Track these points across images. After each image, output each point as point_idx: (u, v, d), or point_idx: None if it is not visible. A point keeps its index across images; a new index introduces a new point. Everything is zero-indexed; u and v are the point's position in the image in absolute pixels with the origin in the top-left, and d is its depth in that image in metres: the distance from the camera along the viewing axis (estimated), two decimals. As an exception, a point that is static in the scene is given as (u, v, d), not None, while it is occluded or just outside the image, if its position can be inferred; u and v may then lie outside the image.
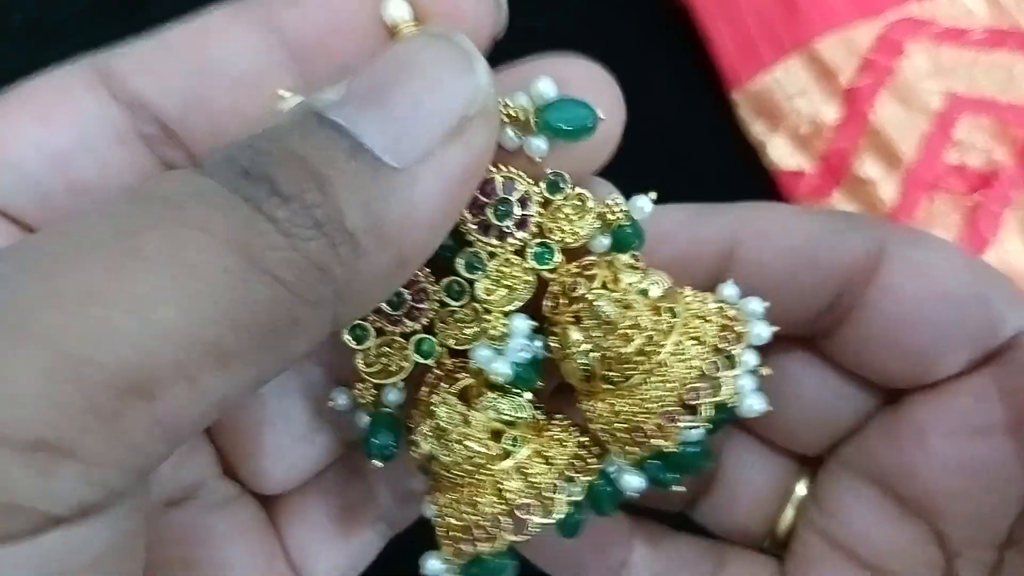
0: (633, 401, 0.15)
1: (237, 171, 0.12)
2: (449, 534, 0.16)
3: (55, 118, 0.15)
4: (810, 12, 0.32)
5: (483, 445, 0.15)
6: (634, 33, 0.35)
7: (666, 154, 0.34)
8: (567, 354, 0.15)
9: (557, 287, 0.16)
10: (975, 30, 0.32)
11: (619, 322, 0.15)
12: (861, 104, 0.31)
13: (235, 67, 0.15)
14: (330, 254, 0.12)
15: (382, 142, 0.12)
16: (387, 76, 0.13)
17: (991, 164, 0.31)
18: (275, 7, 0.15)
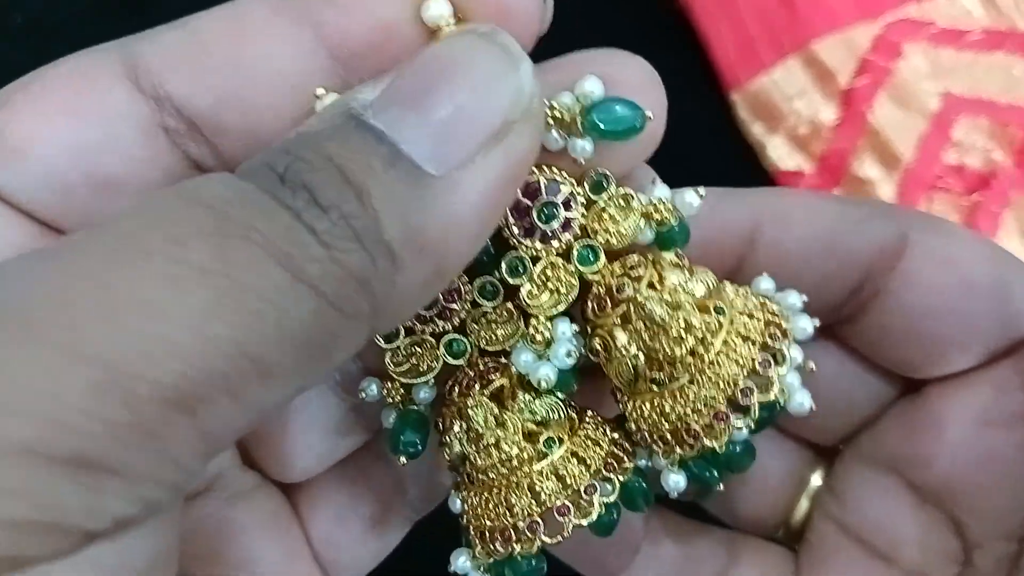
0: (681, 401, 0.15)
1: (274, 178, 0.11)
2: (481, 534, 0.16)
3: (81, 110, 0.14)
4: (809, 13, 0.32)
5: (518, 447, 0.15)
6: (633, 32, 0.35)
7: (666, 154, 0.34)
8: (613, 357, 0.15)
9: (601, 289, 0.15)
10: (973, 31, 0.32)
11: (670, 324, 0.14)
12: (859, 105, 0.31)
13: (272, 66, 0.14)
14: (369, 267, 0.11)
15: (422, 149, 0.12)
16: (427, 78, 0.13)
17: (990, 164, 0.31)
18: (314, 5, 0.14)
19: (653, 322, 0.14)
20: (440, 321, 0.16)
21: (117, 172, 0.14)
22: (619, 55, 0.15)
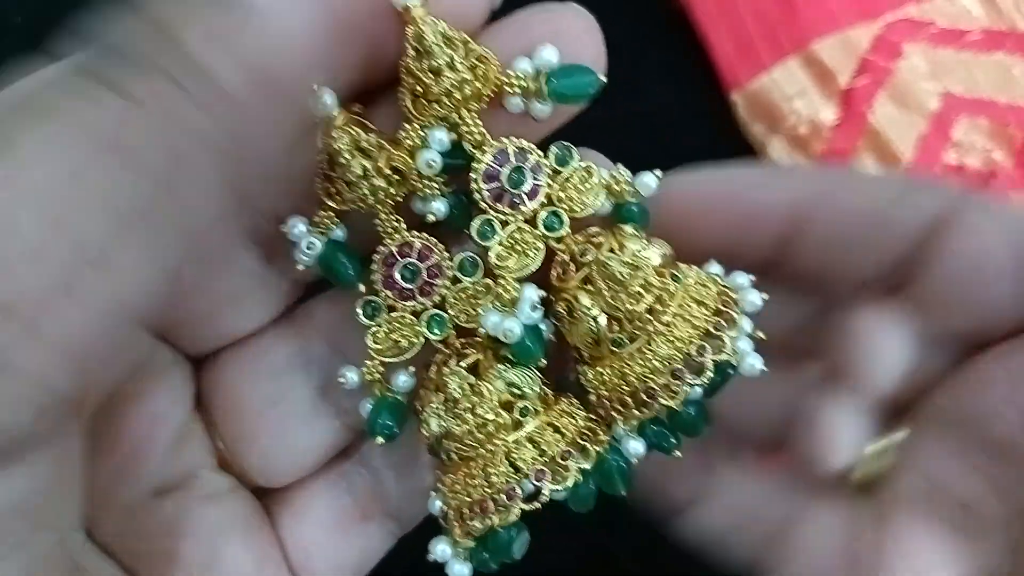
0: (640, 362, 0.15)
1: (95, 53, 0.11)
2: (459, 514, 0.16)
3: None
4: (809, 14, 0.32)
5: (494, 413, 0.16)
6: (633, 32, 0.35)
7: (666, 153, 0.34)
8: (576, 319, 0.16)
9: (565, 255, 0.16)
10: (973, 31, 0.32)
11: (630, 282, 0.15)
12: (860, 105, 0.31)
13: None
14: (199, 115, 0.11)
15: None
16: None
17: (989, 164, 0.31)
18: None
19: (614, 280, 0.15)
20: (421, 298, 0.17)
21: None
22: (560, 9, 0.15)
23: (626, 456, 0.16)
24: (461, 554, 0.16)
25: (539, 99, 0.15)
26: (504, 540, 0.16)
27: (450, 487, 0.16)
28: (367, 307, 0.17)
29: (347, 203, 0.16)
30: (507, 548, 0.16)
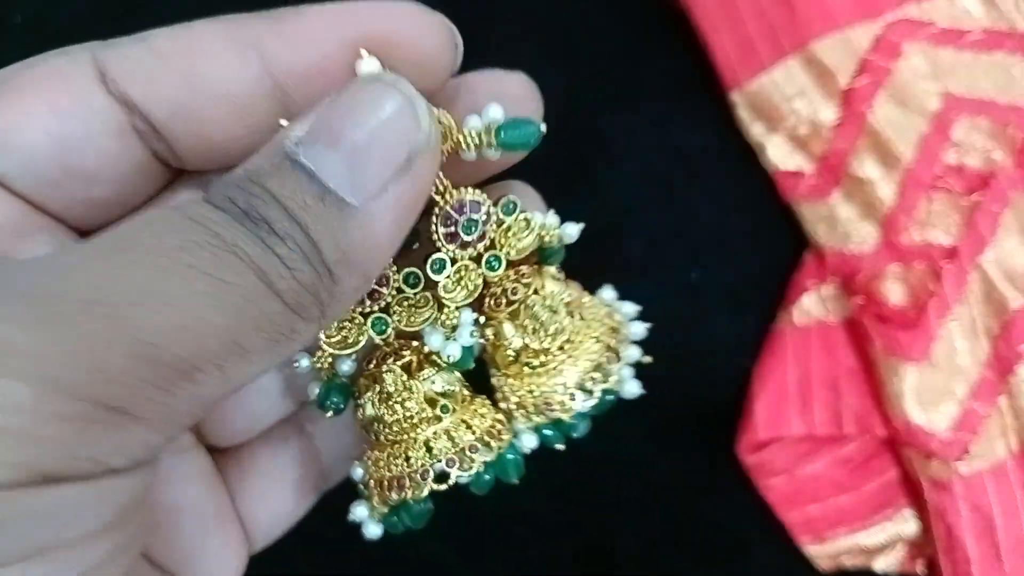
0: (548, 383, 0.20)
1: (239, 211, 0.14)
2: (379, 484, 0.20)
3: (63, 108, 0.16)
4: (809, 14, 0.32)
5: (419, 407, 0.19)
6: (634, 33, 0.35)
7: (666, 153, 0.34)
8: (499, 343, 0.20)
9: (499, 290, 0.19)
10: (973, 31, 0.32)
11: (547, 323, 0.19)
12: (859, 105, 0.31)
13: (221, 85, 0.16)
14: (317, 282, 0.15)
15: (343, 183, 0.15)
16: (343, 122, 0.15)
17: (990, 164, 0.31)
18: (262, 34, 0.16)
19: (536, 319, 0.19)
20: (368, 302, 0.19)
21: (93, 164, 0.17)
22: (504, 75, 0.19)
23: (520, 450, 0.21)
24: (376, 517, 0.20)
25: (490, 149, 0.18)
26: (415, 511, 0.20)
27: (374, 461, 0.20)
28: None
29: None
30: (417, 517, 0.20)
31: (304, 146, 0.15)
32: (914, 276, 0.30)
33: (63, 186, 0.17)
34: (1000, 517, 0.29)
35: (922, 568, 0.32)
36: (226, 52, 0.16)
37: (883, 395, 0.30)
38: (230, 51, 0.16)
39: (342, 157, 0.15)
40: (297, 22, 0.16)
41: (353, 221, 0.15)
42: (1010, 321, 0.30)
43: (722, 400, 0.32)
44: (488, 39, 0.34)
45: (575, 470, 0.32)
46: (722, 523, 0.32)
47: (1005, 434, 0.30)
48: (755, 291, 0.33)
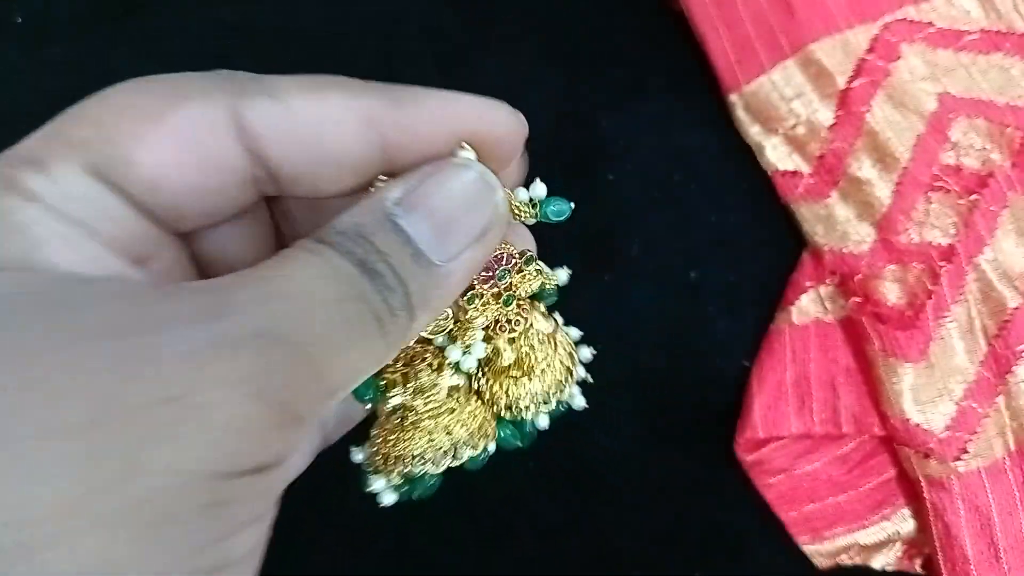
0: (524, 392, 0.25)
1: (359, 262, 0.17)
2: (400, 460, 0.24)
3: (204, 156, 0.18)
4: (808, 16, 0.32)
5: (443, 400, 0.24)
6: (634, 33, 0.35)
7: (665, 153, 0.34)
8: (497, 359, 0.25)
9: (504, 319, 0.24)
10: (971, 32, 0.32)
11: (538, 350, 0.25)
12: (857, 105, 0.31)
13: (343, 153, 0.19)
14: (409, 325, 0.18)
15: (432, 247, 0.18)
16: (439, 195, 0.19)
17: (988, 165, 0.31)
18: (384, 114, 0.19)
19: (531, 347, 0.25)
20: None
21: (214, 199, 0.19)
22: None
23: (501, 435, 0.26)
24: (391, 488, 0.24)
25: (531, 219, 0.23)
26: (430, 482, 0.24)
27: (393, 440, 0.24)
28: None
29: None
30: (429, 489, 0.24)
31: (402, 209, 0.18)
32: (912, 276, 0.31)
33: (184, 212, 0.19)
34: (998, 516, 0.29)
35: (920, 566, 0.32)
36: (352, 124, 0.19)
37: (881, 394, 0.30)
38: (355, 124, 0.19)
39: (433, 225, 0.19)
40: (415, 105, 0.19)
41: (435, 277, 0.19)
42: (1008, 321, 0.30)
43: (721, 399, 0.32)
44: (489, 39, 0.35)
45: (575, 470, 0.32)
46: (721, 521, 0.32)
47: (1003, 433, 0.30)
48: (753, 291, 0.33)
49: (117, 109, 0.18)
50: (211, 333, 0.15)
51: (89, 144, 0.17)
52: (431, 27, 0.35)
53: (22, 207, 0.16)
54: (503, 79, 0.34)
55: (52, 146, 0.17)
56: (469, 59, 0.34)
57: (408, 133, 0.19)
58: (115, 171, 0.17)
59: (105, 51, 0.35)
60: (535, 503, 0.32)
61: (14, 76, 0.35)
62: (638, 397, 0.32)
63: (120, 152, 0.17)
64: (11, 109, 0.35)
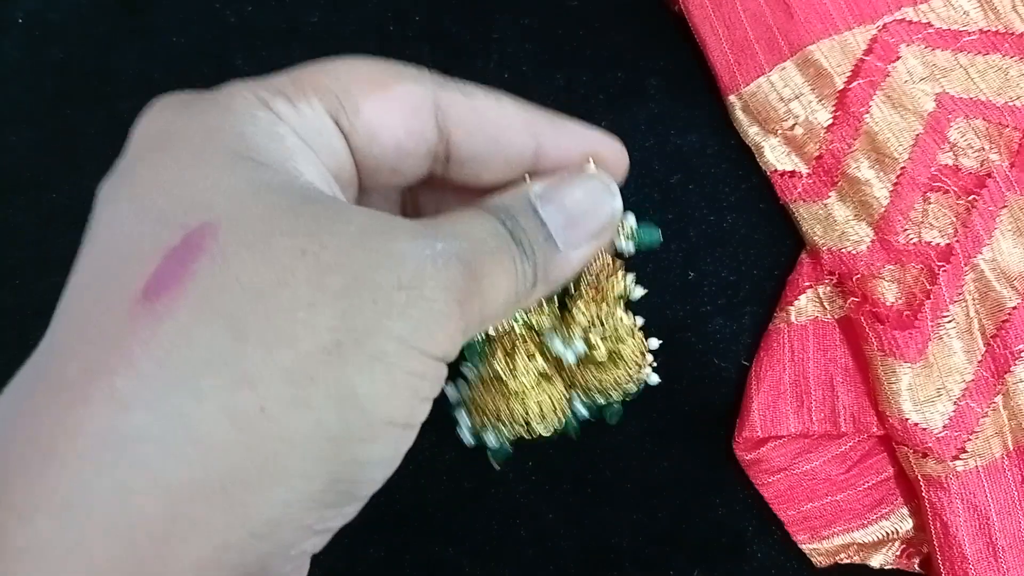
0: (610, 376, 0.29)
1: (509, 232, 0.21)
2: (483, 411, 0.29)
3: (413, 127, 0.22)
4: (806, 17, 0.32)
5: (530, 382, 0.28)
6: (632, 33, 0.35)
7: (664, 154, 0.34)
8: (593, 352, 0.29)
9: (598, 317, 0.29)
10: (970, 33, 0.32)
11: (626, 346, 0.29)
12: (855, 106, 0.31)
13: (509, 151, 0.23)
14: (532, 291, 0.22)
15: (560, 235, 0.22)
16: (575, 195, 0.23)
17: (986, 165, 0.31)
18: (544, 130, 0.23)
19: (619, 340, 0.29)
20: None
21: (405, 164, 0.22)
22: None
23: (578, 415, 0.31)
24: (475, 428, 0.29)
25: (630, 242, 0.27)
26: (507, 435, 0.29)
27: (484, 399, 0.29)
28: None
29: None
30: (502, 453, 0.29)
31: (541, 201, 0.22)
32: (910, 276, 0.31)
33: (382, 166, 0.22)
34: (996, 515, 0.29)
35: (918, 565, 0.32)
36: (519, 128, 0.23)
37: (879, 394, 0.30)
38: (520, 128, 0.23)
39: (563, 218, 0.22)
40: (563, 124, 0.24)
41: (557, 259, 0.22)
42: (1006, 321, 0.30)
43: (720, 398, 0.32)
44: (489, 39, 0.35)
45: (574, 468, 0.32)
46: (720, 520, 0.32)
47: (1001, 433, 0.30)
48: (752, 291, 0.33)
49: (353, 71, 0.21)
50: (431, 248, 0.19)
51: (329, 91, 0.20)
52: (431, 28, 0.35)
53: (278, 122, 0.20)
54: (503, 80, 0.34)
55: (299, 85, 0.20)
56: (469, 60, 0.35)
57: (555, 144, 0.24)
58: (345, 117, 0.21)
59: (106, 51, 0.35)
60: (534, 502, 0.32)
61: (15, 76, 0.35)
62: (637, 396, 0.32)
63: (353, 103, 0.21)
64: (12, 109, 0.35)
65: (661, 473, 0.32)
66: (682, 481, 0.32)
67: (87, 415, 0.15)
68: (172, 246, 0.17)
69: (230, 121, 0.19)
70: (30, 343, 0.18)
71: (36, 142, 0.35)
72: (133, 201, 0.18)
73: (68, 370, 0.16)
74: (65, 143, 0.35)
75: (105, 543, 0.15)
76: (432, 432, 0.32)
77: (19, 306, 0.34)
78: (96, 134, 0.34)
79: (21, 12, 0.36)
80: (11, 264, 0.34)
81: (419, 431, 0.33)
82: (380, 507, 0.32)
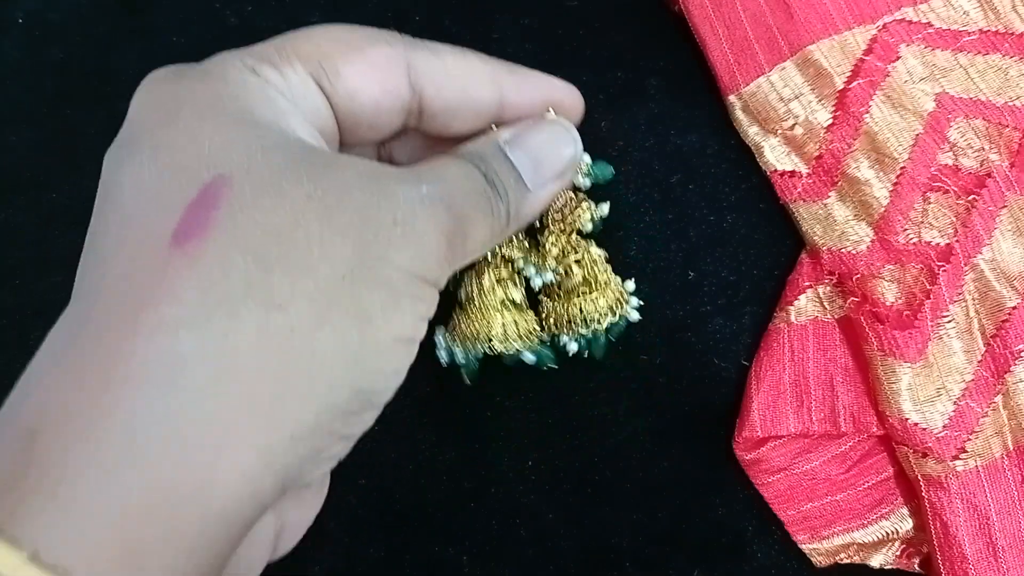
0: (590, 307, 0.30)
1: (483, 175, 0.24)
2: (463, 337, 0.30)
3: (388, 86, 0.24)
4: (806, 17, 0.32)
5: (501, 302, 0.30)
6: (632, 34, 0.35)
7: (664, 154, 0.34)
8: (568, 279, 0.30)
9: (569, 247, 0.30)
10: (970, 33, 0.32)
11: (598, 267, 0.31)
12: (855, 106, 0.31)
13: (475, 103, 0.25)
14: (506, 228, 0.25)
15: (529, 176, 0.25)
16: (539, 140, 0.26)
17: (986, 165, 0.31)
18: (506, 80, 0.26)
19: (594, 264, 0.30)
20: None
21: (381, 120, 0.24)
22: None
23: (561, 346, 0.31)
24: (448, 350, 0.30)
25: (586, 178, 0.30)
26: (476, 356, 0.30)
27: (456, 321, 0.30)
28: None
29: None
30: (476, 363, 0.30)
31: (510, 146, 0.25)
32: (910, 276, 0.31)
33: (361, 123, 0.24)
34: (996, 515, 0.29)
35: (918, 565, 0.32)
36: (485, 82, 0.25)
37: (879, 394, 0.30)
38: (487, 82, 0.25)
39: (530, 160, 0.25)
40: (525, 75, 0.26)
41: (527, 198, 0.25)
42: (1007, 321, 0.30)
43: (720, 398, 0.32)
44: (489, 39, 0.35)
45: (574, 468, 0.32)
46: (720, 520, 0.32)
47: (1001, 433, 0.30)
48: (752, 290, 0.33)
49: (332, 36, 0.23)
50: (418, 190, 0.21)
51: (311, 57, 0.22)
52: (431, 27, 0.35)
53: (268, 86, 0.21)
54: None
55: (283, 53, 0.22)
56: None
57: (518, 93, 0.26)
58: (327, 80, 0.22)
59: (106, 51, 0.35)
60: (534, 502, 0.32)
61: (15, 76, 0.35)
62: (637, 396, 0.32)
63: (333, 66, 0.22)
64: (12, 109, 0.35)
65: (661, 473, 0.32)
66: (682, 481, 0.32)
67: (139, 341, 0.17)
68: (191, 199, 0.19)
69: (226, 88, 0.21)
70: (30, 343, 0.18)
71: (36, 142, 0.35)
72: (150, 162, 0.19)
73: (113, 307, 0.18)
74: (65, 143, 0.35)
75: (162, 457, 0.17)
76: (432, 432, 0.32)
77: (19, 306, 0.34)
78: (96, 134, 0.34)
79: (21, 12, 0.36)
80: (11, 264, 0.34)
81: (419, 431, 0.33)
82: (380, 507, 0.32)
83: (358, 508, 0.32)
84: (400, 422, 0.32)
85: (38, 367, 0.18)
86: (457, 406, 0.32)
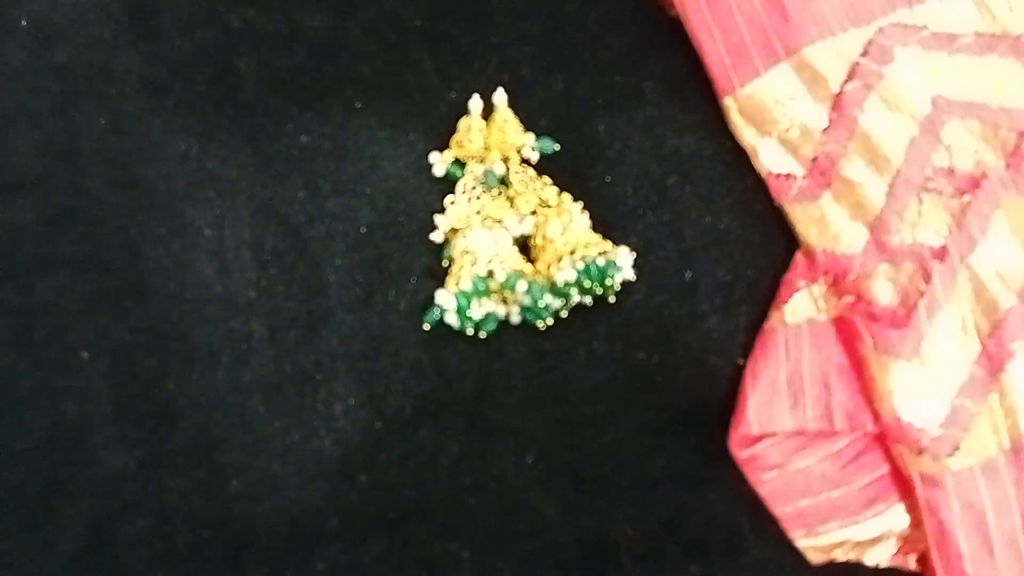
0: (580, 246, 0.32)
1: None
2: (456, 280, 0.32)
3: None
4: (802, 20, 0.32)
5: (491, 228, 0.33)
6: (630, 38, 0.35)
7: (661, 156, 0.34)
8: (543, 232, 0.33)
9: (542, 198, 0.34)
10: (965, 35, 0.32)
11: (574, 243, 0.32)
12: (850, 108, 0.32)
13: None
14: None
15: None
16: None
17: (981, 166, 0.31)
18: None
19: (570, 221, 0.33)
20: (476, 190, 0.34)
21: None
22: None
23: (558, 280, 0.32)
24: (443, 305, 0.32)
25: (534, 152, 0.33)
26: (467, 302, 0.32)
27: (454, 275, 0.32)
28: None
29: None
30: (467, 309, 0.32)
31: None
32: (904, 276, 0.31)
33: None
34: (992, 513, 0.29)
35: (914, 562, 0.32)
36: None
37: (874, 392, 0.31)
38: None
39: None
40: None
41: None
42: (1001, 320, 0.30)
43: (716, 397, 0.32)
44: (489, 44, 0.35)
45: (572, 465, 0.32)
46: (716, 517, 0.32)
47: (996, 431, 0.30)
48: (747, 290, 0.33)
49: None
50: None
51: None
52: (432, 32, 0.35)
53: None
54: (502, 83, 0.34)
55: None
56: (469, 63, 0.35)
57: None
58: None
59: (109, 54, 0.36)
60: (532, 497, 0.32)
61: (19, 78, 0.35)
62: (634, 394, 0.32)
63: None
64: (16, 111, 0.35)
65: (658, 470, 0.32)
66: (678, 477, 0.32)
67: None
68: None
69: None
70: (34, 343, 0.18)
71: (40, 143, 0.35)
72: None
73: None
74: (69, 145, 0.35)
75: None
76: (433, 429, 0.32)
77: (24, 306, 0.34)
78: (99, 136, 0.34)
79: (25, 15, 0.36)
80: (15, 264, 0.34)
81: (419, 428, 0.33)
82: (381, 502, 0.32)
83: (360, 504, 0.32)
84: (401, 420, 0.32)
85: None
86: (457, 403, 0.33)
